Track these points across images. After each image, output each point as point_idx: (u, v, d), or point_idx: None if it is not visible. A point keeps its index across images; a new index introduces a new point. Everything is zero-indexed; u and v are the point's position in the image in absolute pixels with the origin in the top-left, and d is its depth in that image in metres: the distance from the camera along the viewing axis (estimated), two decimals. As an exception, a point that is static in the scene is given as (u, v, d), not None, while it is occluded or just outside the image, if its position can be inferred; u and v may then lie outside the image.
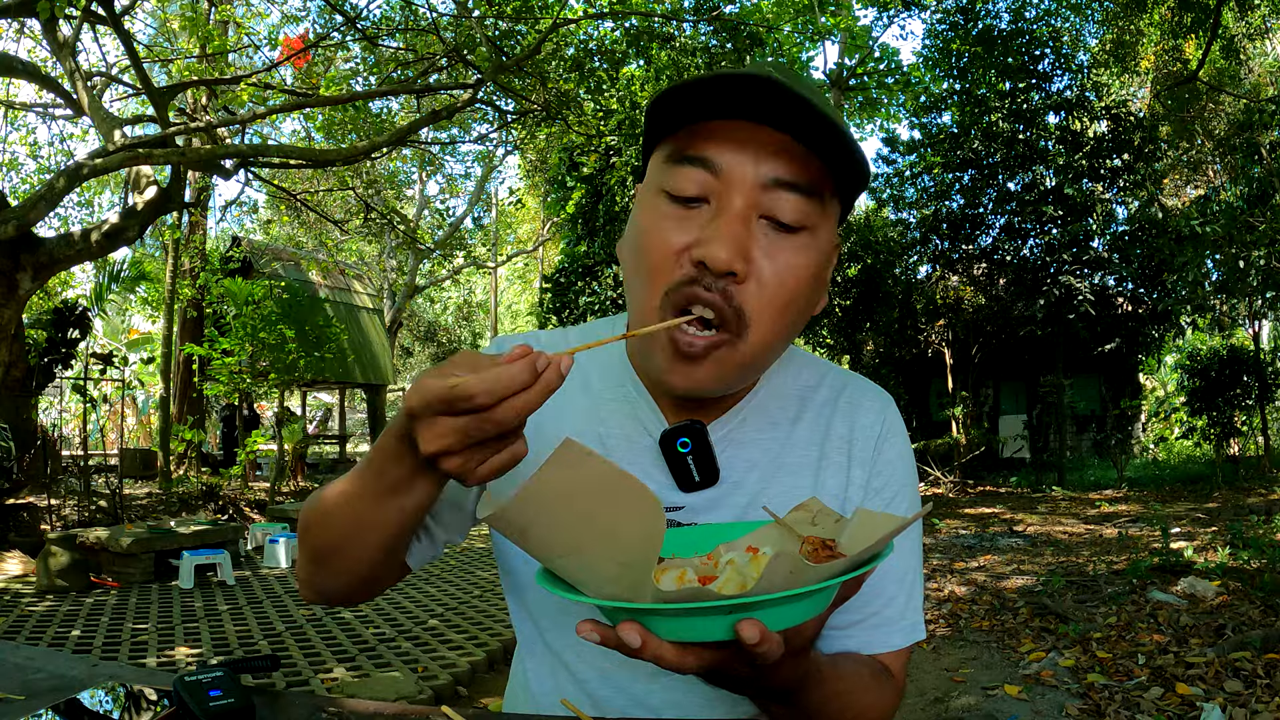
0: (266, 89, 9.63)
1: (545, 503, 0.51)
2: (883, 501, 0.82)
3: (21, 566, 6.16)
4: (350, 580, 0.75)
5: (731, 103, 0.66)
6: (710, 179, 0.68)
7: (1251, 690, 3.14)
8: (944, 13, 13.14)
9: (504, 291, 31.49)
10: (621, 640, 0.50)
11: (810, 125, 0.65)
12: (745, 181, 0.67)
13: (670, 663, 0.51)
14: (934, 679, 3.78)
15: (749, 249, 0.67)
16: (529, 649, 0.90)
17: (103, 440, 14.03)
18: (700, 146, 0.68)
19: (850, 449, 0.83)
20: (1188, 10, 10.10)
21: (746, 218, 0.67)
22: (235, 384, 10.69)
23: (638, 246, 0.71)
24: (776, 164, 0.67)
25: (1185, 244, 9.81)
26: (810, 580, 0.48)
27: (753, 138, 0.67)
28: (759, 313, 0.69)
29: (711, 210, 0.68)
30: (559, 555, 0.54)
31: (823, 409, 0.84)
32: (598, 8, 9.51)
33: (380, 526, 0.68)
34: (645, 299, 0.71)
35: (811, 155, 0.68)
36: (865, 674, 0.77)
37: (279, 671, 3.76)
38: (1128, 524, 7.80)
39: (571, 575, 0.55)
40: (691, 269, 0.68)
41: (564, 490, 0.50)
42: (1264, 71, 15.65)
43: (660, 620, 0.50)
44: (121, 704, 0.83)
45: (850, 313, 13.03)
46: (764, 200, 0.68)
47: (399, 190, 19.53)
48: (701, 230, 0.68)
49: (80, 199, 14.82)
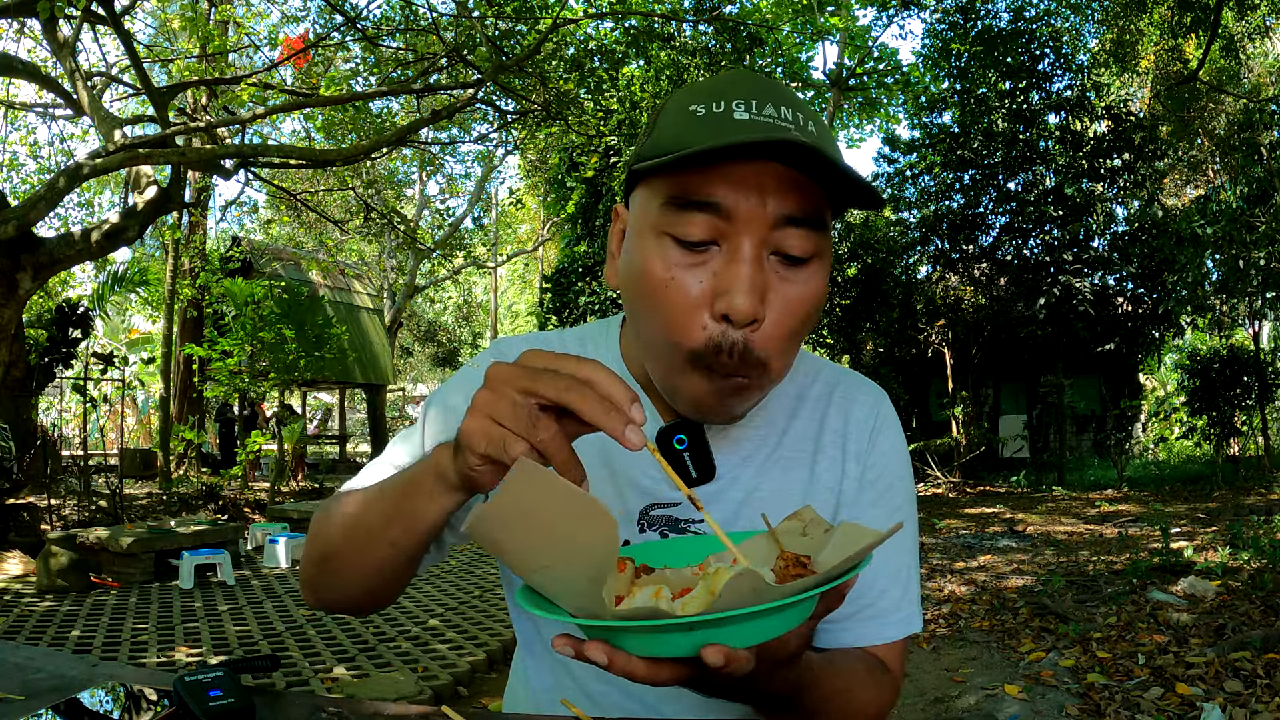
0: (266, 89, 9.63)
1: (507, 521, 0.51)
2: (877, 493, 0.83)
3: (21, 566, 6.16)
4: (355, 590, 0.76)
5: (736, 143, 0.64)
6: (719, 222, 0.67)
7: (1251, 690, 3.14)
8: (944, 13, 13.14)
9: (504, 291, 31.51)
10: (589, 658, 0.50)
11: (811, 157, 0.65)
12: (755, 222, 0.66)
13: (642, 678, 0.51)
14: (934, 679, 3.78)
15: (766, 290, 0.68)
16: (528, 648, 0.90)
17: (103, 440, 14.04)
18: (707, 190, 0.67)
19: (845, 442, 0.84)
20: (1187, 10, 10.10)
21: (759, 259, 0.67)
22: (235, 384, 10.69)
23: (651, 296, 0.70)
24: (784, 201, 0.67)
25: (1185, 244, 9.81)
26: (772, 598, 0.47)
27: (757, 176, 0.66)
28: (777, 346, 0.70)
29: (723, 254, 0.68)
30: (530, 571, 0.54)
31: (817, 404, 0.86)
32: (598, 8, 9.51)
33: (391, 542, 0.69)
34: (666, 352, 0.71)
35: (812, 184, 0.68)
36: (861, 670, 0.77)
37: (279, 671, 3.76)
38: (1128, 524, 7.80)
39: (547, 590, 0.55)
40: (714, 326, 0.68)
41: (523, 508, 0.50)
42: (1264, 71, 15.65)
43: (626, 637, 0.50)
44: (121, 704, 0.83)
45: (850, 313, 13.03)
46: (773, 238, 0.67)
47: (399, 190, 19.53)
48: (716, 279, 0.67)
49: (80, 199, 14.83)
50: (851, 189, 0.68)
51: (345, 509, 0.75)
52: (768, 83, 0.71)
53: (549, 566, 0.52)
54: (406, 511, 0.66)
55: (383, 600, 0.78)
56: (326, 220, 14.88)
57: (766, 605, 0.47)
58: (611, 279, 0.80)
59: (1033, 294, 12.35)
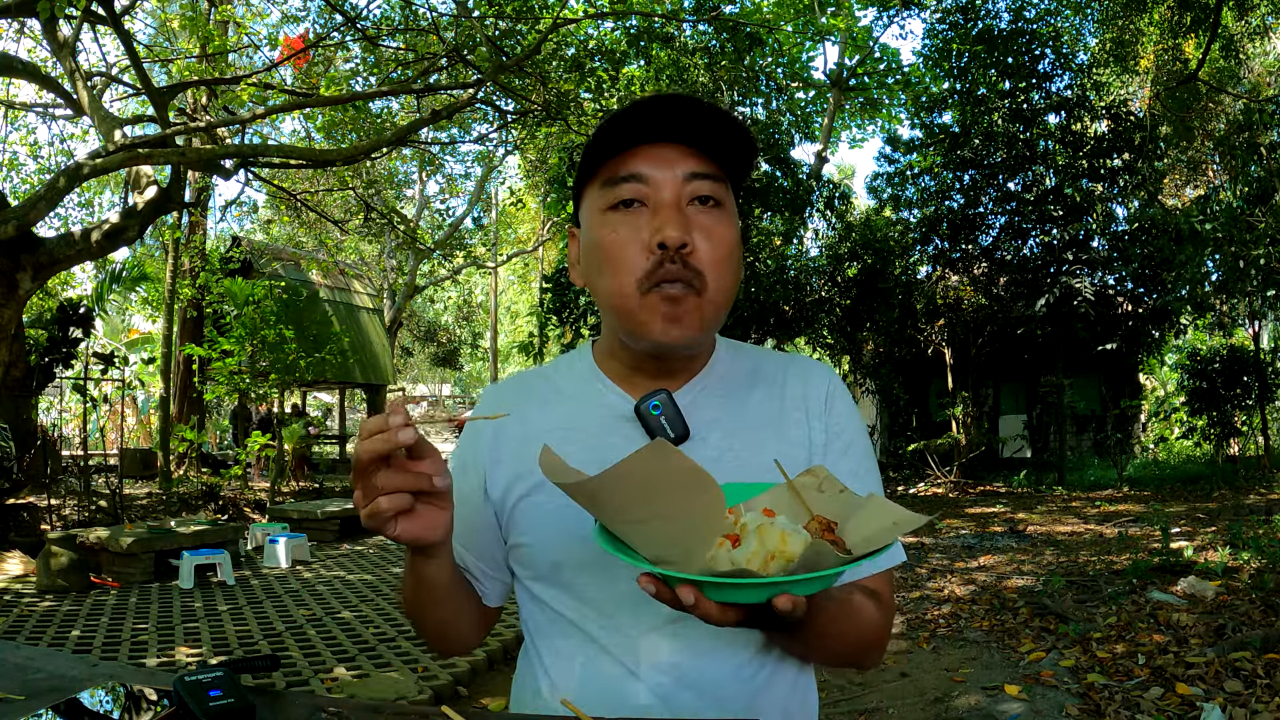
0: (266, 89, 9.63)
1: (626, 483, 0.65)
2: (844, 444, 0.96)
3: (21, 566, 6.16)
4: (449, 634, 0.96)
5: (639, 133, 0.86)
6: (642, 187, 0.86)
7: (1251, 690, 3.14)
8: (944, 13, 13.14)
9: (504, 291, 31.51)
10: (678, 598, 0.62)
11: (699, 133, 0.86)
12: (670, 180, 0.86)
13: (715, 619, 0.64)
14: (934, 679, 3.78)
15: (689, 226, 0.85)
16: (543, 636, 0.95)
17: (103, 440, 14.03)
18: (628, 167, 0.87)
19: (806, 405, 0.97)
20: (1187, 10, 10.10)
21: (679, 205, 0.86)
22: (235, 384, 10.69)
23: (602, 252, 0.88)
24: (687, 163, 0.87)
25: (1185, 243, 9.80)
26: (836, 564, 0.61)
27: (661, 152, 0.87)
28: (710, 268, 0.86)
29: (650, 208, 0.86)
30: (626, 524, 0.67)
31: (774, 377, 0.99)
32: (598, 8, 9.51)
33: (432, 603, 0.89)
34: (620, 288, 0.87)
35: (704, 153, 0.87)
36: (857, 595, 0.87)
37: (279, 671, 3.76)
38: (1128, 524, 7.80)
39: (632, 540, 0.68)
40: (655, 254, 0.85)
41: (646, 476, 0.65)
42: (1264, 71, 15.65)
43: (710, 588, 0.62)
44: (121, 704, 0.83)
45: (850, 313, 13.02)
46: (686, 190, 0.87)
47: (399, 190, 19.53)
48: (649, 223, 0.86)
49: (80, 199, 14.82)
50: (736, 148, 0.87)
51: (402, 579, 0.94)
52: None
53: (648, 521, 0.67)
54: (412, 582, 0.87)
55: (475, 636, 0.99)
56: (326, 220, 14.88)
57: (830, 572, 0.61)
58: (577, 279, 0.96)
59: (1033, 294, 12.34)
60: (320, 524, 8.25)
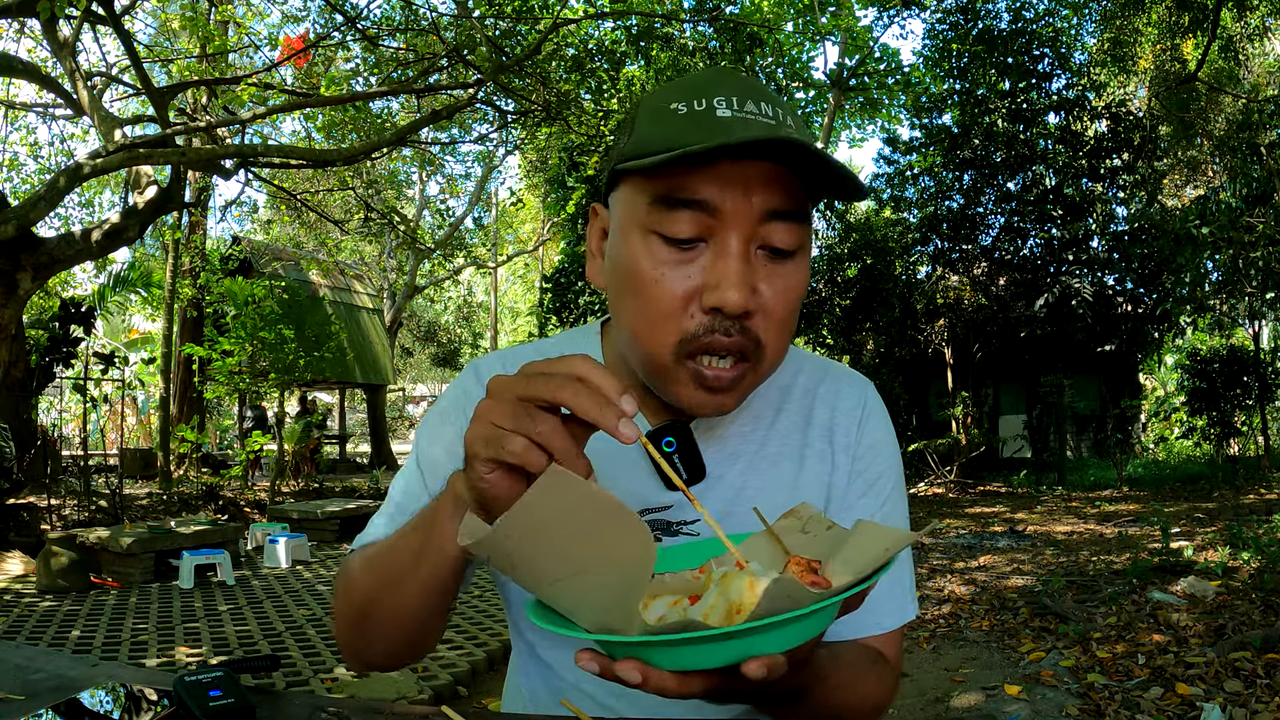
0: (266, 89, 9.62)
1: (531, 530, 0.49)
2: (866, 484, 0.84)
3: (21, 566, 6.16)
4: (397, 640, 0.75)
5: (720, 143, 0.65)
6: (706, 219, 0.67)
7: (1251, 690, 3.14)
8: (944, 13, 13.14)
9: (504, 291, 31.50)
10: (620, 677, 0.49)
11: (792, 152, 0.66)
12: (741, 218, 0.67)
13: (674, 692, 0.50)
14: (934, 679, 3.78)
15: (756, 285, 0.69)
16: (524, 669, 0.90)
17: (103, 440, 14.02)
18: (692, 188, 0.67)
19: (832, 435, 0.84)
20: (1186, 10, 10.10)
21: (746, 253, 0.68)
22: (235, 384, 10.68)
23: (640, 293, 0.71)
24: (768, 196, 0.67)
25: (1185, 244, 9.80)
26: (809, 603, 0.47)
27: (743, 174, 0.67)
28: (772, 333, 0.71)
29: (710, 250, 0.68)
30: (547, 583, 0.52)
31: (804, 399, 0.86)
32: (598, 8, 9.51)
33: (424, 581, 0.68)
34: (653, 343, 0.71)
35: (794, 178, 0.69)
36: (863, 661, 0.77)
37: (279, 671, 3.76)
38: (1128, 524, 7.80)
39: (562, 605, 0.53)
40: (704, 317, 0.69)
41: (550, 517, 0.49)
42: (1263, 71, 15.65)
43: (657, 652, 0.49)
44: (121, 704, 0.83)
45: (850, 313, 13.03)
46: (760, 233, 0.68)
47: (399, 190, 19.51)
48: (705, 274, 0.68)
49: (80, 199, 14.80)
50: (831, 180, 0.69)
51: (370, 559, 0.75)
52: (745, 80, 0.72)
53: (569, 578, 0.51)
54: (434, 545, 0.65)
55: (423, 647, 0.77)
56: (326, 220, 14.87)
57: (804, 610, 0.46)
58: (596, 278, 0.80)
59: (1033, 294, 12.34)
60: (320, 524, 8.25)
